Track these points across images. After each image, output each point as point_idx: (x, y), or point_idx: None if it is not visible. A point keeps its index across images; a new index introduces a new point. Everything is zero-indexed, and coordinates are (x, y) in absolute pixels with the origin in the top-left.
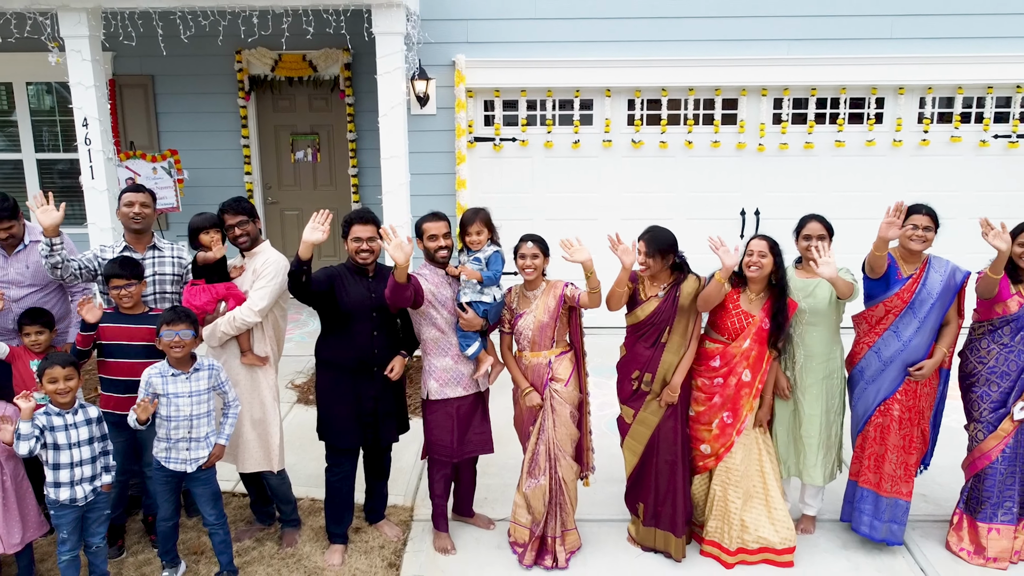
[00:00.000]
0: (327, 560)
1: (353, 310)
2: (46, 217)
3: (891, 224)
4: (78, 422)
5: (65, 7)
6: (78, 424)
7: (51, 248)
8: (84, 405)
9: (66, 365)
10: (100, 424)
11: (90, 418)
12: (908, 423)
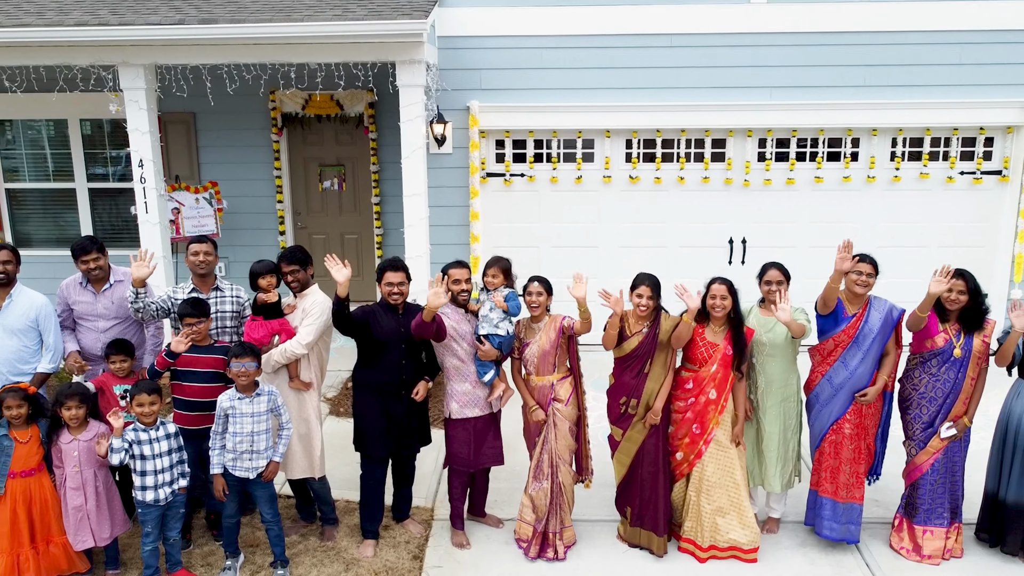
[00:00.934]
0: (361, 552)
1: (385, 341)
2: (138, 271)
3: (844, 259)
4: (159, 437)
5: (125, 63)
6: (159, 438)
7: (136, 296)
8: (164, 422)
9: (151, 392)
10: (177, 438)
11: (169, 433)
12: (857, 438)
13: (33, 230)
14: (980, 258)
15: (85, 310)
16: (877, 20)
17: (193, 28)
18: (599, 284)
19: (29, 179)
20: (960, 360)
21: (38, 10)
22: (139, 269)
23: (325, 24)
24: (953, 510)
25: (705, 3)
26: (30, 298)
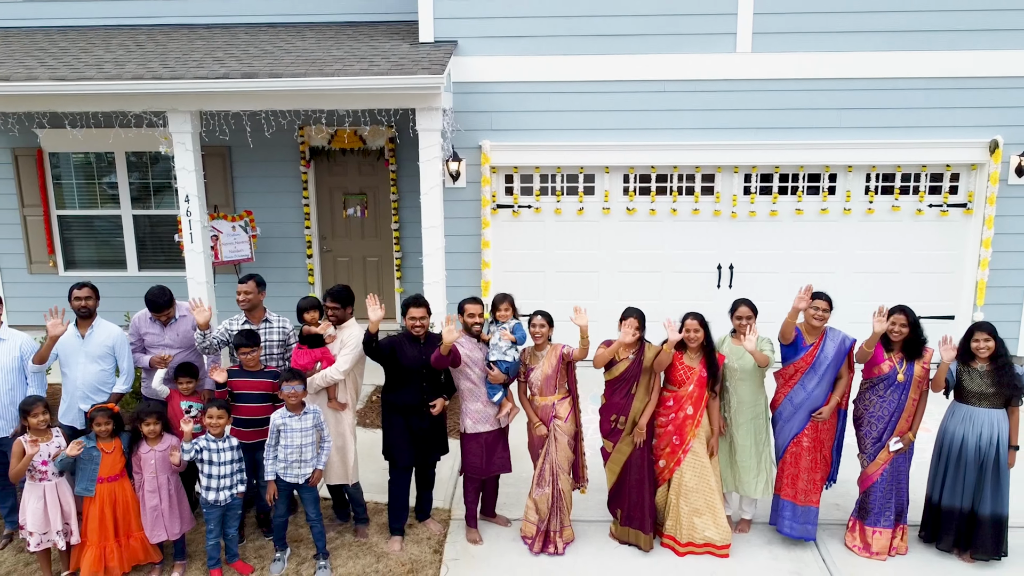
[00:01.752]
0: (390, 547)
1: (408, 367)
2: (200, 317)
3: (802, 299)
4: (224, 448)
5: (174, 110)
6: (224, 449)
7: (204, 337)
8: (229, 436)
9: (220, 408)
10: (238, 450)
11: (232, 445)
12: (814, 450)
13: (81, 253)
14: (947, 284)
15: (153, 340)
16: (851, 68)
17: (236, 82)
18: (600, 306)
19: (79, 206)
20: (903, 384)
21: (97, 62)
22: (200, 315)
23: (353, 78)
24: (898, 513)
25: (695, 52)
26: (108, 329)
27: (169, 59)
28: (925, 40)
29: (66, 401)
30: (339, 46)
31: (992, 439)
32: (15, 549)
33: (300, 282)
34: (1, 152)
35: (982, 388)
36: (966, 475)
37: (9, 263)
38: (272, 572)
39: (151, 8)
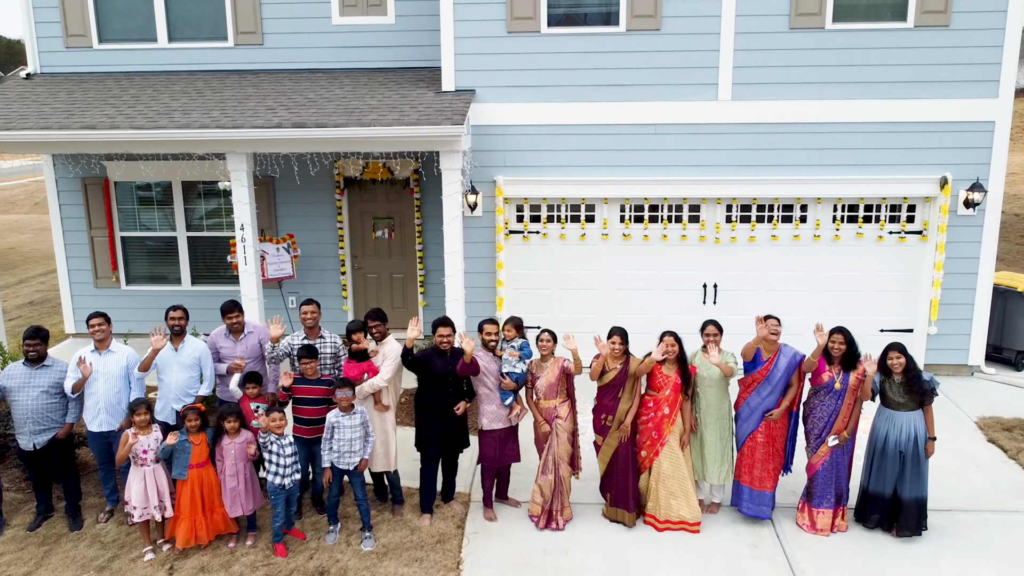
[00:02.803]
0: (421, 523)
1: (437, 376)
2: (275, 331)
3: (763, 327)
4: (285, 444)
5: (232, 152)
6: (285, 446)
7: (273, 348)
8: (287, 435)
9: (281, 411)
10: (294, 445)
11: (291, 443)
12: (767, 445)
13: (141, 270)
14: (905, 301)
15: (227, 353)
16: (818, 114)
17: (287, 131)
18: (600, 320)
19: (139, 229)
20: (840, 391)
21: (166, 110)
22: (275, 329)
23: (386, 128)
24: (838, 497)
25: (682, 100)
26: (194, 343)
27: (227, 107)
28: (883, 90)
29: (162, 401)
30: (372, 94)
31: (911, 436)
32: (116, 522)
33: (335, 296)
34: (73, 181)
35: (899, 395)
36: (890, 466)
37: (78, 278)
38: (328, 541)
39: (205, 56)
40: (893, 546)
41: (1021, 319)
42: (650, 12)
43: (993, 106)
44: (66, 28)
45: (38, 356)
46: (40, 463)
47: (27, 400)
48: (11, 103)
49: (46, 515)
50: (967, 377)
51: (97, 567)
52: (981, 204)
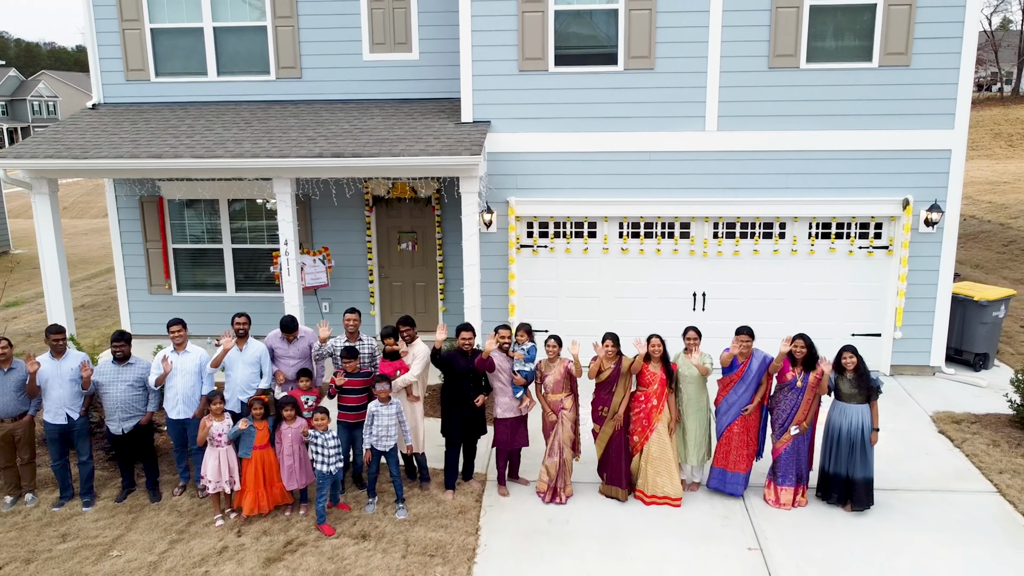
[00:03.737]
0: (445, 497)
1: (460, 372)
2: (323, 332)
3: (736, 344)
4: (328, 438)
5: (279, 177)
6: (329, 439)
7: (321, 347)
8: (329, 430)
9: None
10: (336, 439)
11: (333, 435)
12: (742, 435)
13: (190, 278)
14: (873, 309)
15: (281, 353)
16: (794, 143)
17: (327, 160)
18: (600, 324)
19: (189, 241)
20: (801, 388)
21: (220, 140)
22: (323, 331)
23: (414, 158)
24: (799, 476)
25: (674, 130)
26: (256, 344)
27: (273, 137)
28: (851, 122)
29: (228, 392)
30: (400, 124)
31: (859, 425)
32: (188, 495)
33: (363, 302)
34: (131, 199)
35: (850, 390)
36: (844, 451)
37: (134, 285)
38: (367, 511)
39: (250, 88)
40: (844, 519)
41: (978, 325)
42: (645, 53)
43: (949, 136)
44: (127, 63)
45: (124, 355)
46: (126, 445)
47: (116, 392)
48: (84, 133)
49: (129, 489)
50: (929, 377)
51: (177, 531)
52: (939, 223)
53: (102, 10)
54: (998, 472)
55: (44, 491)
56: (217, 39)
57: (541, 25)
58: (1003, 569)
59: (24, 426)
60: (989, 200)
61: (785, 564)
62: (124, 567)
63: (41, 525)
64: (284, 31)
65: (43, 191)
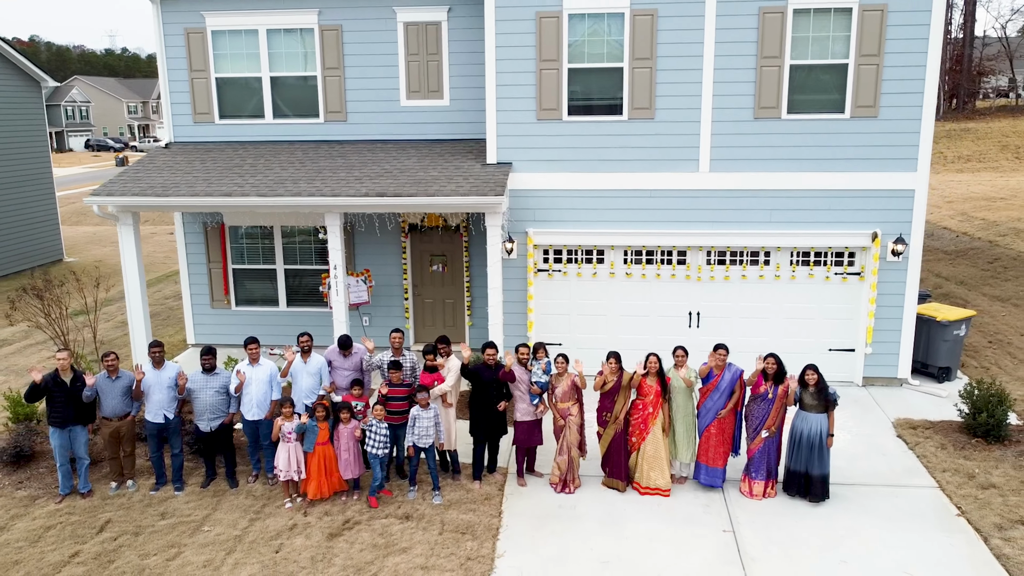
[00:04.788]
0: (473, 486)
1: (486, 382)
2: (369, 345)
3: (713, 358)
4: (382, 427)
5: (329, 212)
6: (382, 428)
7: (371, 360)
8: (383, 422)
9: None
10: (388, 430)
11: (386, 426)
12: (719, 435)
13: (247, 294)
14: (847, 327)
15: (338, 365)
16: (778, 182)
17: (372, 199)
18: (607, 339)
19: (247, 262)
20: (771, 399)
21: (278, 179)
22: (368, 344)
23: (446, 198)
24: (768, 472)
25: (671, 171)
26: (317, 357)
27: (324, 176)
28: (827, 165)
29: (295, 397)
30: (433, 165)
31: (818, 431)
32: (260, 483)
33: (399, 317)
34: (196, 226)
35: (812, 401)
36: (803, 452)
37: (198, 300)
38: (409, 497)
39: (301, 129)
40: (806, 508)
41: (941, 342)
42: (646, 105)
43: (912, 178)
44: (195, 108)
45: (211, 367)
46: (211, 441)
47: (205, 397)
48: (161, 171)
49: (211, 477)
50: (896, 387)
51: (254, 511)
52: (904, 253)
53: (174, 62)
54: (941, 471)
55: (141, 478)
56: (273, 87)
57: (556, 81)
58: (931, 547)
59: (127, 424)
60: (983, 217)
61: (752, 543)
62: (215, 539)
63: (143, 506)
64: (332, 80)
65: (128, 223)
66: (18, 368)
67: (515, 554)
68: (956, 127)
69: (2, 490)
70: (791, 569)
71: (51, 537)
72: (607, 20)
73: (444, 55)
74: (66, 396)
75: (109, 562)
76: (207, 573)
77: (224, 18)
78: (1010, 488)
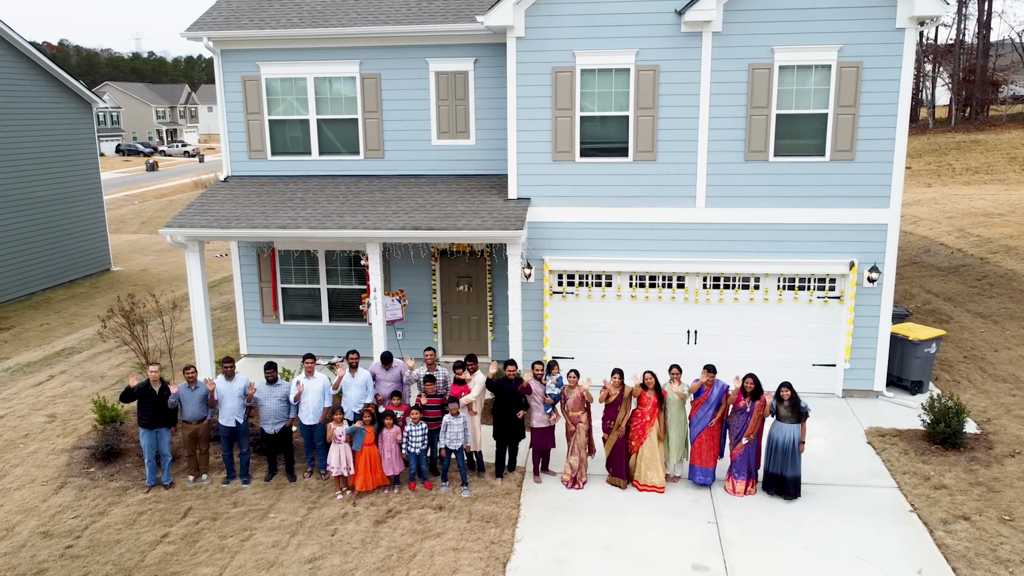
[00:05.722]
0: (496, 483)
1: (506, 393)
2: (409, 362)
3: (703, 376)
4: (418, 429)
5: (370, 242)
6: (419, 432)
7: (410, 375)
8: (420, 424)
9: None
10: (424, 432)
11: (422, 428)
12: (708, 441)
13: (294, 310)
14: (828, 345)
15: (380, 378)
16: (766, 217)
17: (409, 232)
18: (615, 353)
19: (294, 282)
20: (750, 412)
21: (327, 213)
22: (409, 361)
23: (473, 231)
24: (749, 472)
25: (671, 207)
26: (363, 372)
27: (365, 209)
28: (809, 202)
29: (344, 406)
30: (461, 199)
31: (792, 439)
32: (315, 478)
33: (428, 331)
34: (249, 249)
35: (786, 413)
36: (778, 456)
37: (251, 316)
38: (441, 491)
39: (343, 165)
40: (781, 504)
41: (913, 358)
42: (649, 148)
43: (886, 213)
44: (250, 145)
45: (273, 379)
46: (274, 442)
47: (270, 405)
48: (223, 204)
49: (273, 472)
50: (873, 399)
51: (311, 501)
52: (878, 280)
53: (232, 105)
54: (902, 473)
55: (213, 473)
56: (319, 127)
57: (570, 127)
58: (883, 537)
59: (204, 427)
60: (979, 234)
61: (732, 532)
62: (280, 524)
63: (217, 496)
64: (371, 122)
65: (195, 250)
66: (91, 374)
67: (531, 539)
68: (967, 138)
69: (97, 482)
70: (762, 552)
71: (144, 521)
72: (615, 75)
73: (471, 100)
74: (154, 402)
75: (194, 542)
76: (276, 552)
77: (276, 67)
78: (958, 489)
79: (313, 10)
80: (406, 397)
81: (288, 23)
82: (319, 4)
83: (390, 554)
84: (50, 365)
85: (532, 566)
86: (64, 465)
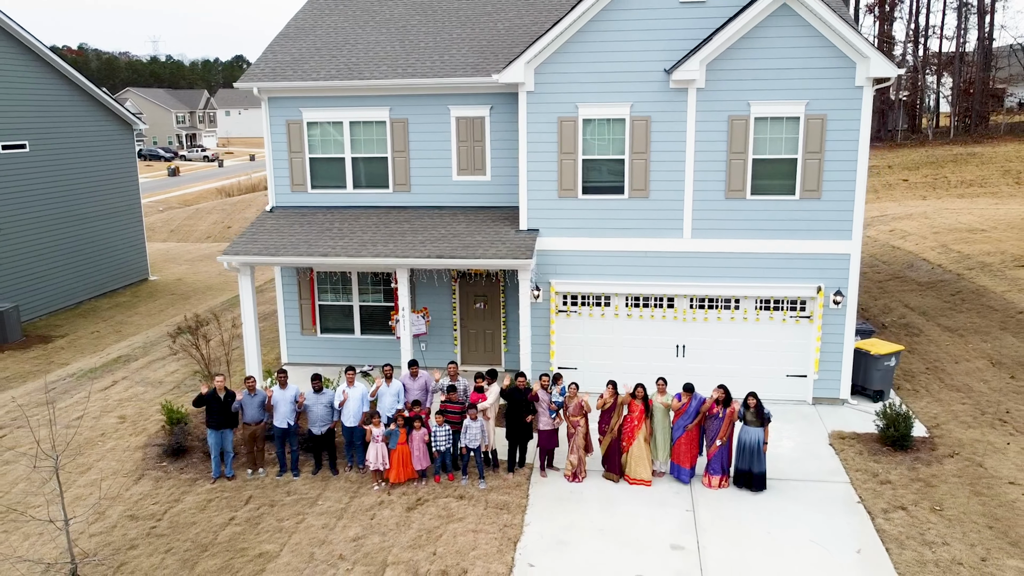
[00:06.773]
0: (508, 476)
1: (517, 401)
2: (437, 375)
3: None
4: (444, 432)
5: (400, 267)
6: (443, 432)
7: (436, 385)
8: (444, 426)
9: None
10: (448, 433)
11: (446, 429)
12: (688, 443)
13: (329, 324)
14: (800, 358)
15: (409, 386)
16: (744, 247)
17: (433, 260)
18: (613, 364)
19: (329, 299)
20: (721, 418)
21: (360, 242)
22: (437, 374)
23: (489, 260)
24: (723, 469)
25: (661, 237)
26: (396, 383)
27: (394, 239)
28: (782, 234)
29: (380, 411)
30: (479, 230)
31: (757, 440)
32: (355, 471)
33: (449, 344)
34: (291, 271)
35: (752, 419)
36: (747, 455)
37: (291, 329)
38: (462, 483)
39: (375, 198)
40: (749, 496)
41: (875, 370)
42: (642, 187)
43: (848, 244)
44: (292, 180)
45: (319, 388)
46: (320, 441)
47: (317, 410)
48: (270, 234)
49: (319, 467)
50: (839, 406)
51: (352, 491)
52: (842, 303)
53: (277, 144)
54: (855, 470)
55: (268, 467)
56: (353, 164)
57: (573, 168)
58: (833, 523)
59: (261, 428)
60: (959, 250)
61: (706, 518)
62: (327, 510)
63: (273, 486)
64: (399, 160)
65: (247, 274)
66: (151, 380)
67: (538, 523)
68: (963, 151)
69: (170, 474)
70: (731, 534)
71: (212, 507)
72: (612, 124)
73: (487, 141)
74: (220, 407)
75: (257, 523)
76: (326, 532)
77: (317, 112)
78: (901, 484)
79: (349, 63)
80: (427, 403)
81: (327, 75)
82: (353, 58)
83: (420, 534)
84: (111, 371)
85: (538, 545)
86: (140, 460)
